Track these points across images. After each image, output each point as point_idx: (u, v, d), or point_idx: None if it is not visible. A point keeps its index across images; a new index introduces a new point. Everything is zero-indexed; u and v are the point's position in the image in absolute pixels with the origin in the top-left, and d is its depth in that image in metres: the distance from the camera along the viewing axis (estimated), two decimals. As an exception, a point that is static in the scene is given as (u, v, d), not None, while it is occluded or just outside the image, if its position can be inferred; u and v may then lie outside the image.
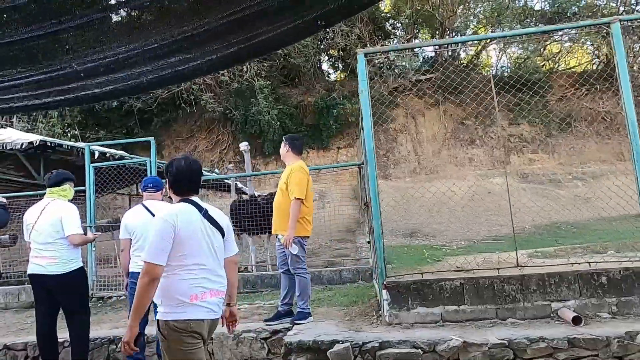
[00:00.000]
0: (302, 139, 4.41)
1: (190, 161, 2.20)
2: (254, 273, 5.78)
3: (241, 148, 6.99)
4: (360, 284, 5.48)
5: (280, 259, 4.23)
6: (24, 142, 8.11)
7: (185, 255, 1.99)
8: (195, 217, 2.07)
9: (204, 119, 20.89)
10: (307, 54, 18.35)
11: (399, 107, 21.34)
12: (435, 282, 3.38)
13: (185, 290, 1.97)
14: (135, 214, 3.52)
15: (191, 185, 2.17)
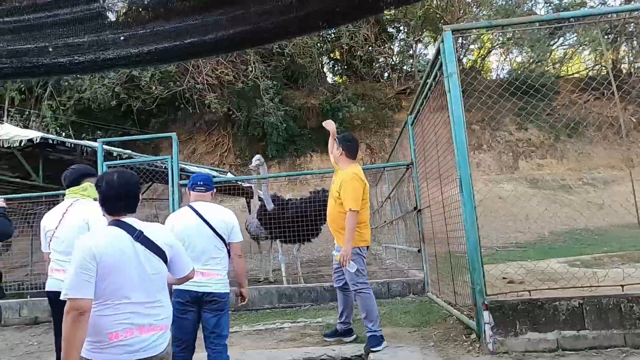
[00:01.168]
0: (357, 141, 3.85)
1: (124, 176, 1.92)
2: (290, 285, 5.15)
3: (254, 163, 6.26)
4: (412, 298, 4.89)
5: (336, 274, 3.76)
6: (23, 139, 7.38)
7: (106, 288, 1.74)
8: (122, 244, 1.81)
9: (203, 121, 20.20)
10: (312, 54, 17.81)
11: (403, 110, 20.94)
12: (548, 302, 2.81)
13: (104, 328, 1.72)
14: (182, 217, 2.90)
15: (124, 204, 1.90)
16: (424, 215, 4.96)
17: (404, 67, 22.36)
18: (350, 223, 3.36)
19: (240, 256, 2.95)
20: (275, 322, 4.36)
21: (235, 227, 2.92)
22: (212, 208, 2.94)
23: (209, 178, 3.03)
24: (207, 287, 2.78)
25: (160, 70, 15.38)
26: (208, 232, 2.82)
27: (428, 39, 22.43)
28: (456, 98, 3.06)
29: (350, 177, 3.47)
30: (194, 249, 2.80)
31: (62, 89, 17.07)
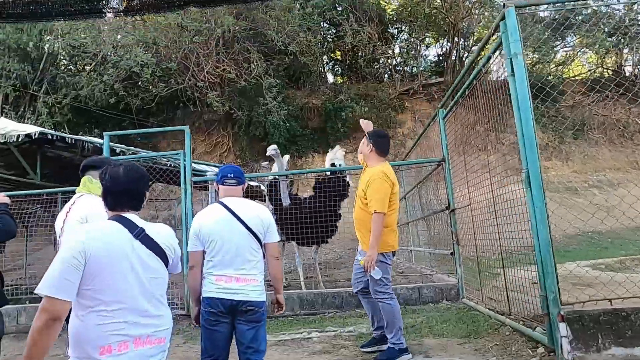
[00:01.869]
0: (389, 137, 3.58)
1: (131, 169, 1.76)
2: (312, 291, 4.77)
3: (269, 150, 5.77)
4: (446, 304, 4.54)
5: (356, 276, 3.52)
6: (21, 135, 6.95)
7: (97, 291, 1.53)
8: (119, 240, 1.62)
9: (203, 120, 19.78)
10: (314, 53, 17.47)
11: (407, 111, 20.65)
12: (634, 313, 2.47)
13: (95, 340, 1.51)
14: (212, 214, 2.52)
15: (127, 200, 1.74)
16: (459, 215, 4.62)
17: (407, 68, 22.08)
18: (376, 226, 3.14)
19: (277, 258, 2.60)
20: (301, 331, 3.99)
21: (271, 224, 2.57)
22: (245, 204, 2.57)
23: (239, 170, 2.67)
24: (243, 294, 2.41)
25: (162, 68, 14.97)
26: (242, 231, 2.46)
27: (429, 39, 22.21)
28: (522, 81, 2.72)
29: (378, 176, 3.22)
30: (227, 251, 2.44)
31: (58, 86, 16.58)
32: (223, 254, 2.45)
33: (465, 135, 4.34)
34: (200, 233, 2.50)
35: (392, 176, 3.32)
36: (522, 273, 3.29)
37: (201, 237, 2.49)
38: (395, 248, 3.45)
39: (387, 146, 3.45)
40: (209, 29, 14.52)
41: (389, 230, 3.32)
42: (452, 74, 20.71)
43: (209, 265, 2.49)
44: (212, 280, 2.45)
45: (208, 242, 2.48)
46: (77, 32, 14.59)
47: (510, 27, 2.80)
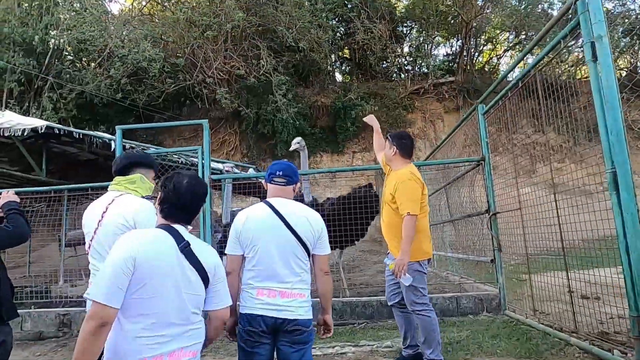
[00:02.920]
0: (413, 139, 3.38)
1: (196, 184, 1.75)
2: (341, 299, 4.42)
3: (293, 144, 5.45)
4: (488, 316, 4.18)
5: (390, 288, 3.27)
6: (27, 129, 6.62)
7: (140, 300, 1.53)
8: (168, 250, 1.62)
9: (210, 118, 19.37)
10: (324, 50, 17.12)
11: (417, 110, 20.27)
12: None
13: (133, 353, 1.50)
14: (255, 214, 2.18)
15: (184, 213, 1.73)
16: (502, 220, 4.27)
17: (417, 67, 21.70)
18: (408, 229, 2.93)
19: (327, 273, 2.24)
20: (333, 345, 3.64)
21: (323, 233, 2.22)
22: (294, 206, 2.23)
23: (290, 167, 2.31)
24: (289, 311, 2.07)
25: (170, 63, 14.65)
26: (289, 237, 2.12)
27: (440, 38, 21.82)
28: (608, 67, 2.36)
29: (407, 177, 3.02)
30: (270, 259, 2.11)
31: (63, 81, 16.27)
32: (267, 263, 2.11)
33: (514, 133, 3.98)
34: (241, 235, 2.16)
35: (419, 176, 3.15)
36: (586, 286, 2.93)
37: (242, 240, 2.15)
38: (431, 255, 3.23)
39: (412, 148, 3.28)
40: (219, 24, 14.19)
41: (424, 236, 3.10)
42: (463, 74, 20.32)
43: (250, 276, 2.14)
44: (252, 294, 2.11)
45: (249, 247, 2.14)
46: (83, 26, 14.25)
47: (593, 6, 2.43)
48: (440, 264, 7.30)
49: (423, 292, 3.02)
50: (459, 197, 5.50)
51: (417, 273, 3.00)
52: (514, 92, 3.97)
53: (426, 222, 3.18)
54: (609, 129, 2.37)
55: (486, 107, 4.53)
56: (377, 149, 3.53)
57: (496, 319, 4.04)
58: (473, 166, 4.69)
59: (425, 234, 3.11)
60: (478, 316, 4.20)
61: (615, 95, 2.36)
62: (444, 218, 6.35)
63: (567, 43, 2.81)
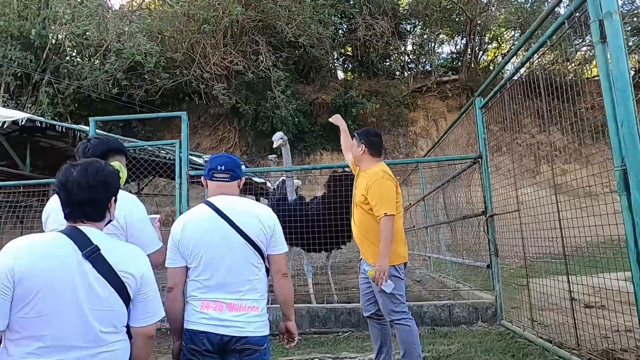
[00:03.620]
0: (381, 135, 3.14)
1: (88, 172, 1.41)
2: (324, 305, 4.12)
3: (275, 140, 5.13)
4: (482, 327, 3.87)
5: (365, 297, 2.99)
6: (7, 121, 6.36)
7: (28, 321, 1.26)
8: (61, 257, 1.32)
9: (209, 114, 19.20)
10: (325, 46, 16.80)
11: (419, 109, 19.92)
12: None
13: None
14: (197, 218, 1.90)
15: (84, 209, 1.41)
16: (499, 222, 3.96)
17: (420, 65, 21.35)
18: (386, 231, 2.68)
19: (285, 275, 1.95)
20: (312, 356, 3.35)
21: (277, 229, 1.94)
22: (239, 203, 1.93)
23: (233, 160, 2.02)
24: (237, 327, 1.78)
25: (166, 58, 14.39)
26: (237, 240, 1.84)
27: (444, 36, 21.45)
28: (619, 49, 2.04)
29: (380, 176, 2.80)
30: (216, 267, 1.82)
31: (61, 76, 16.06)
32: (212, 272, 1.82)
33: (517, 132, 3.67)
34: (180, 244, 1.86)
35: (392, 174, 2.90)
36: (589, 293, 2.62)
37: (182, 250, 1.86)
38: (407, 259, 2.96)
39: (381, 145, 3.03)
40: (216, 18, 13.91)
41: (399, 238, 2.84)
42: (467, 72, 19.94)
43: (194, 287, 1.85)
44: (196, 307, 1.82)
45: (192, 257, 1.85)
46: (80, 19, 14.01)
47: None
48: (436, 267, 6.99)
49: (401, 299, 2.76)
50: (456, 198, 5.19)
51: (395, 279, 2.74)
52: (512, 84, 3.66)
53: (401, 225, 2.94)
54: (619, 120, 2.06)
55: (484, 100, 4.22)
56: (345, 149, 3.32)
57: (491, 330, 3.73)
58: (469, 164, 4.38)
59: (400, 236, 2.85)
60: (472, 326, 3.89)
61: (627, 81, 2.05)
62: (441, 219, 6.04)
63: (574, 21, 2.46)
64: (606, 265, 3.25)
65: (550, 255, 4.33)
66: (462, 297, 4.61)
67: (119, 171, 1.57)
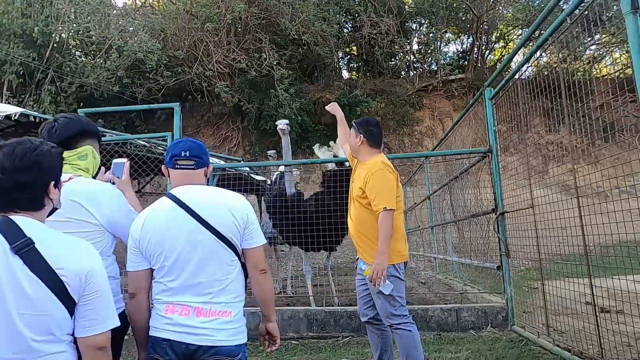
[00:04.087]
0: (380, 127, 2.88)
1: (16, 150, 1.20)
2: (323, 309, 3.88)
3: (279, 126, 4.89)
4: (492, 332, 3.62)
5: (363, 300, 2.73)
6: (0, 116, 6.17)
7: None
8: None
9: (212, 114, 19.06)
10: (329, 44, 16.57)
11: (425, 108, 19.63)
12: None
13: None
14: (158, 214, 1.66)
15: (13, 194, 1.19)
16: (511, 221, 3.71)
17: (425, 64, 21.06)
18: (385, 227, 2.44)
19: (263, 271, 1.70)
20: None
21: (250, 219, 1.69)
22: (208, 194, 1.70)
23: (199, 146, 1.77)
24: (206, 335, 1.55)
25: (168, 55, 14.22)
26: (204, 235, 1.60)
27: (450, 35, 21.15)
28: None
29: (379, 167, 2.56)
30: (182, 268, 1.59)
31: (64, 74, 15.96)
32: (178, 272, 1.59)
33: (526, 125, 3.43)
34: (140, 243, 1.62)
35: (392, 167, 2.66)
36: (607, 295, 2.37)
37: (143, 250, 1.62)
38: (407, 258, 2.70)
39: (380, 136, 2.80)
40: (219, 15, 13.73)
41: (399, 235, 2.61)
42: (473, 71, 19.62)
43: (158, 289, 1.63)
44: (160, 311, 1.60)
45: (154, 257, 1.61)
46: (83, 16, 13.88)
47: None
48: (442, 269, 6.73)
49: (401, 301, 2.52)
50: (463, 195, 4.93)
51: (394, 279, 2.49)
52: (521, 78, 3.41)
53: (401, 220, 2.71)
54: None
55: (494, 90, 3.96)
56: (341, 141, 3.09)
57: (502, 337, 3.47)
58: (479, 159, 4.12)
59: (400, 233, 2.62)
60: (481, 332, 3.64)
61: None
62: (447, 218, 5.79)
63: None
64: (622, 268, 3.00)
65: (566, 255, 4.07)
66: (470, 300, 4.35)
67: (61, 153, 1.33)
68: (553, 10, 3.06)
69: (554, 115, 9.21)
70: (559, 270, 3.80)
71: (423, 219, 7.78)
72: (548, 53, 9.67)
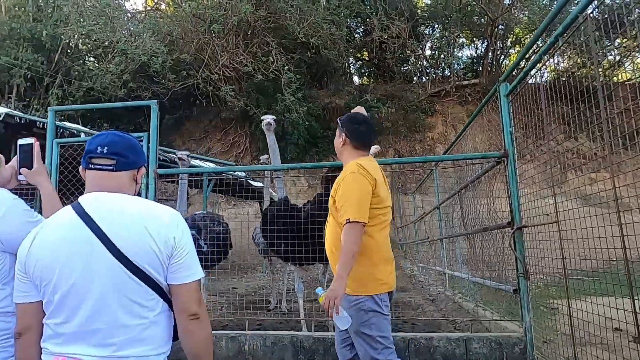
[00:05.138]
0: (371, 124, 2.35)
1: None
2: (311, 334, 3.41)
3: (265, 120, 4.42)
4: (508, 368, 3.09)
5: (340, 337, 2.22)
6: (-16, 116, 5.90)
7: None
8: None
9: (220, 119, 18.81)
10: (339, 47, 16.19)
11: (437, 114, 19.08)
12: None
13: None
14: (51, 228, 1.24)
15: None
16: (528, 236, 3.21)
17: (438, 70, 20.55)
18: (347, 242, 1.95)
19: (194, 317, 1.24)
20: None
21: (180, 244, 1.25)
22: (124, 205, 1.26)
23: (124, 140, 1.34)
24: None
25: (173, 58, 13.99)
26: (107, 264, 1.17)
27: (464, 39, 20.61)
28: None
29: (352, 170, 2.09)
30: (76, 306, 1.16)
31: (72, 78, 15.89)
32: (69, 312, 1.16)
33: (544, 128, 2.95)
34: (27, 266, 1.20)
35: (374, 170, 2.13)
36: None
37: (32, 276, 1.20)
38: (392, 287, 2.16)
39: (369, 135, 2.26)
40: (225, 17, 13.46)
41: (380, 258, 2.10)
42: (488, 76, 19.03)
43: (46, 334, 1.21)
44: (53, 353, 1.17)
45: (41, 287, 1.19)
46: (89, 19, 13.76)
47: None
48: (452, 283, 6.19)
49: (385, 342, 2.01)
50: (475, 205, 4.43)
51: (374, 314, 2.00)
52: (542, 66, 2.92)
53: (384, 237, 2.16)
54: None
55: (510, 86, 3.47)
56: None
57: (519, 373, 2.95)
58: (492, 164, 3.63)
59: (381, 255, 2.11)
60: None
61: None
62: (457, 230, 5.27)
63: None
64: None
65: (582, 271, 3.57)
66: (483, 325, 3.82)
67: None
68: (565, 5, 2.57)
69: (573, 121, 8.56)
70: (586, 289, 3.28)
71: (433, 229, 7.26)
72: (566, 57, 9.02)
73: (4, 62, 14.24)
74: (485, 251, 4.17)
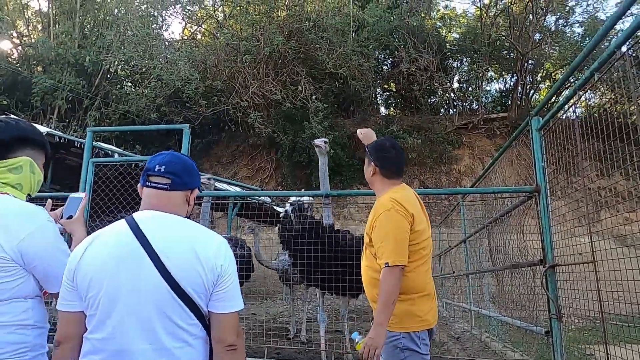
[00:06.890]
0: (401, 150, 2.18)
1: None
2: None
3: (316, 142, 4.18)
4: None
5: None
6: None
7: None
8: None
9: (247, 144, 19.20)
10: (367, 78, 16.43)
11: (464, 146, 18.90)
12: None
13: None
14: (103, 241, 1.25)
15: None
16: (561, 275, 3.07)
17: (466, 103, 20.50)
18: (386, 287, 1.83)
19: (232, 348, 1.22)
20: None
21: (226, 272, 1.25)
22: (175, 226, 1.27)
23: (181, 161, 1.35)
24: None
25: (205, 85, 14.51)
26: (156, 281, 1.17)
27: (492, 73, 20.59)
28: None
29: (386, 207, 1.93)
30: (119, 325, 1.16)
31: (110, 101, 16.67)
32: (112, 330, 1.16)
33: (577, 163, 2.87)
34: (76, 275, 1.21)
35: (410, 203, 1.99)
36: None
37: (78, 285, 1.21)
38: (432, 324, 2.00)
39: (399, 162, 2.13)
40: (258, 48, 13.96)
41: (420, 297, 1.95)
42: (517, 110, 18.84)
43: (85, 349, 1.20)
44: None
45: (87, 298, 1.20)
46: (130, 47, 14.52)
47: None
48: (478, 322, 5.95)
49: None
50: (504, 241, 4.29)
51: (410, 354, 1.86)
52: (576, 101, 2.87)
53: (425, 272, 2.00)
54: None
55: (542, 120, 3.42)
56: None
57: None
58: (523, 199, 3.53)
59: (421, 291, 1.96)
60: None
61: None
62: (485, 266, 5.11)
63: None
64: None
65: (619, 315, 3.36)
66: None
67: None
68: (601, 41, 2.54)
69: (608, 159, 8.30)
70: (625, 335, 3.09)
71: (459, 264, 7.06)
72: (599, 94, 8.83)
73: (49, 84, 15.08)
74: (515, 289, 4.01)
